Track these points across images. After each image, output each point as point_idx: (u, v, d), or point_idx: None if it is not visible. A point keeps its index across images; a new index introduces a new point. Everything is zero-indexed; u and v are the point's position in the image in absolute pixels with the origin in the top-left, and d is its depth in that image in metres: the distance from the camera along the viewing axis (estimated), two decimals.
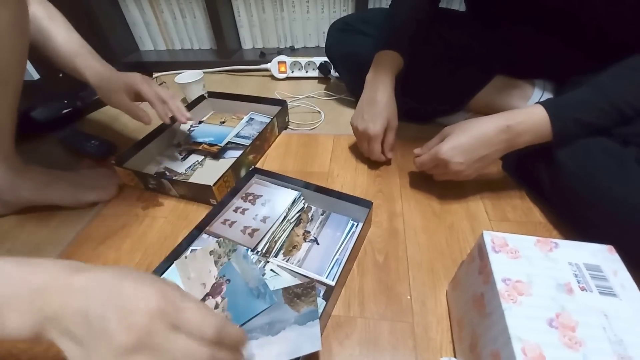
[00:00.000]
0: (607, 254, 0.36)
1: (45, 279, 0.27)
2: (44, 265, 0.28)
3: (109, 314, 0.25)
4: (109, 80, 0.61)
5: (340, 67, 0.91)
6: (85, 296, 0.26)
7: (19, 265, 0.28)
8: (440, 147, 0.54)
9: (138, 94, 0.63)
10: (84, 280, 0.27)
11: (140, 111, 0.63)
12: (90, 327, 0.25)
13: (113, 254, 0.57)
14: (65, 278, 0.27)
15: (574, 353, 0.28)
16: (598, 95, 0.50)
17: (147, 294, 0.26)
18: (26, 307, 0.26)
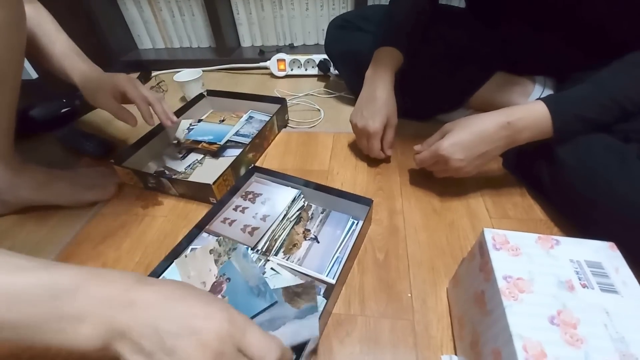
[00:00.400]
0: (608, 251, 0.35)
1: (112, 291, 0.27)
2: (109, 277, 0.28)
3: (182, 331, 0.26)
4: (94, 81, 0.61)
5: (339, 64, 0.91)
6: (155, 311, 0.27)
7: (84, 275, 0.28)
8: (441, 143, 0.54)
9: (125, 95, 0.62)
10: (151, 294, 0.28)
11: (125, 112, 0.62)
12: (163, 344, 0.26)
13: (113, 253, 0.57)
14: (133, 291, 0.27)
15: (576, 350, 0.27)
16: (599, 91, 0.50)
17: (218, 316, 0.28)
18: (97, 320, 0.26)
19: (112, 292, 0.27)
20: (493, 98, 0.74)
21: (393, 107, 0.66)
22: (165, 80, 1.09)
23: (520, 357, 0.27)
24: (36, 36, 0.61)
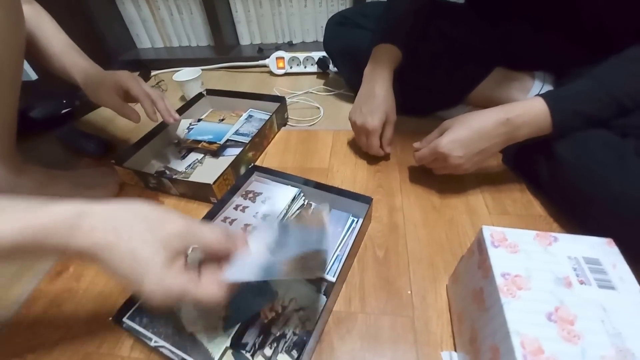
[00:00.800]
0: (606, 247, 0.36)
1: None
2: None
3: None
4: (96, 78, 0.61)
5: (338, 61, 0.90)
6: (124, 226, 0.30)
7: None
8: (440, 140, 0.54)
9: (128, 93, 0.62)
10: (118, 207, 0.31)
11: (128, 109, 0.62)
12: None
13: None
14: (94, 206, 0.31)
15: (573, 347, 0.28)
16: (598, 87, 0.50)
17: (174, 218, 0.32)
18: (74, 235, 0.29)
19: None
20: (492, 94, 0.74)
21: (392, 104, 0.66)
22: (165, 80, 1.09)
23: (518, 354, 0.28)
24: (35, 36, 0.61)
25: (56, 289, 0.52)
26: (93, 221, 0.30)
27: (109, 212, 0.31)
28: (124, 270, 0.29)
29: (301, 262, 0.37)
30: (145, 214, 0.31)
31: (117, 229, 0.30)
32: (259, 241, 0.39)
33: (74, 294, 0.51)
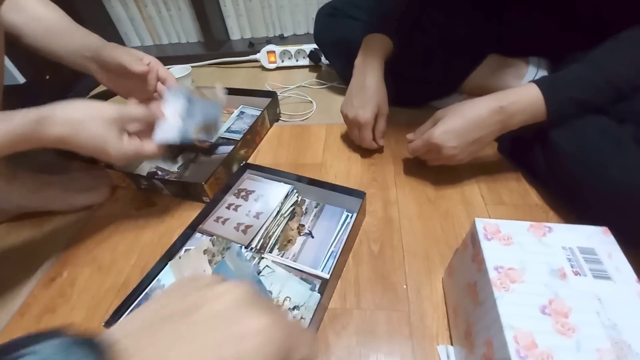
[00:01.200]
0: (601, 236, 0.35)
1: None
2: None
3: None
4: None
5: (330, 53, 0.89)
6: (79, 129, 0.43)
7: None
8: (433, 131, 0.53)
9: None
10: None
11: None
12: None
13: (109, 256, 0.57)
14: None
15: (567, 340, 0.27)
16: (593, 72, 0.48)
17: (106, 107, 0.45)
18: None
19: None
20: (486, 81, 0.72)
21: (384, 96, 0.64)
22: None
23: (511, 348, 0.27)
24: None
25: (50, 294, 0.52)
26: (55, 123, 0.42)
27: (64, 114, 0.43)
28: (91, 147, 0.44)
29: (203, 127, 0.56)
30: (86, 109, 0.44)
31: (74, 124, 0.43)
32: (172, 108, 0.55)
33: (67, 299, 0.51)
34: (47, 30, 0.59)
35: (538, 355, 0.26)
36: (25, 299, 0.52)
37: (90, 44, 0.58)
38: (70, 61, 0.59)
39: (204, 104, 0.57)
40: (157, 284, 0.48)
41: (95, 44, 0.58)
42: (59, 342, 0.14)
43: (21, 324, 0.49)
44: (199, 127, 0.55)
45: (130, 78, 0.59)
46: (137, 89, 0.60)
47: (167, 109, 0.55)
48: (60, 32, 0.59)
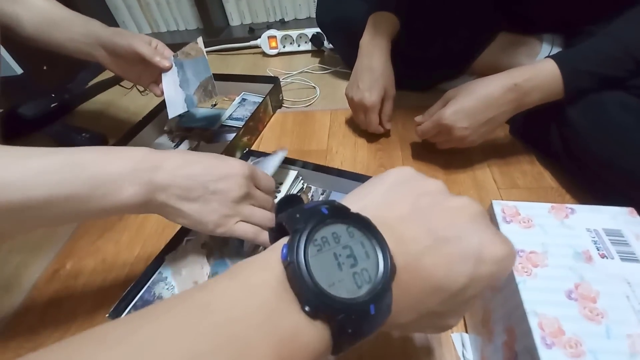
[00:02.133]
0: (627, 217, 0.33)
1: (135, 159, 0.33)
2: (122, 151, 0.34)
3: (217, 178, 0.36)
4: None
5: (333, 36, 0.86)
6: (186, 169, 0.35)
7: (102, 151, 0.33)
8: (443, 112, 0.51)
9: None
10: (171, 159, 0.35)
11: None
12: (206, 189, 0.36)
13: (112, 247, 0.56)
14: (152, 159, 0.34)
15: (596, 326, 0.26)
16: (614, 44, 0.45)
17: (237, 164, 0.39)
18: (136, 181, 0.32)
19: (135, 160, 0.33)
20: (498, 61, 0.69)
21: (391, 78, 0.62)
22: None
23: (536, 335, 0.25)
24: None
25: (54, 287, 0.51)
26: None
27: None
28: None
29: (202, 89, 0.59)
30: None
31: None
32: (171, 82, 0.58)
33: (72, 292, 0.50)
34: (46, 19, 0.57)
35: (565, 342, 0.25)
36: (29, 291, 0.51)
37: (94, 30, 0.56)
38: (73, 49, 0.58)
39: (191, 64, 0.60)
40: (160, 277, 0.47)
41: (99, 29, 0.57)
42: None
43: (26, 316, 0.48)
44: (198, 90, 0.59)
45: (138, 62, 0.58)
46: (144, 72, 0.61)
47: (167, 85, 0.59)
48: (60, 20, 0.57)
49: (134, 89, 0.95)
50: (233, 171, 0.38)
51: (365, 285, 0.17)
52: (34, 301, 0.50)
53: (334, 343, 0.16)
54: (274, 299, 0.16)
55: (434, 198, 0.20)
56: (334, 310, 0.16)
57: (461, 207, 0.20)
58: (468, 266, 0.18)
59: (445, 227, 0.19)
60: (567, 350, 0.24)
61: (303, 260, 0.16)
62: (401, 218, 0.19)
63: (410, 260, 0.18)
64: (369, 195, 0.21)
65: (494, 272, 0.19)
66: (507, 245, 0.20)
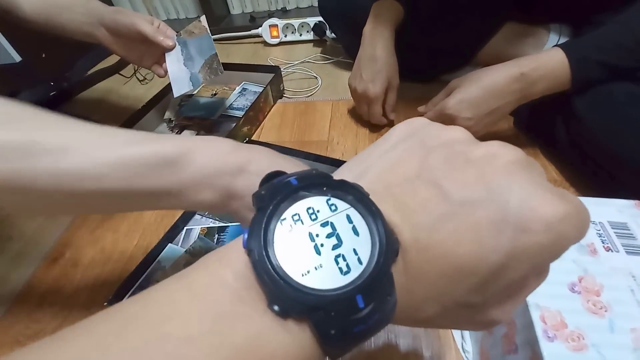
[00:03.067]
0: (634, 210, 0.32)
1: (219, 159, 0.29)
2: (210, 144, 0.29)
3: None
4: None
5: (335, 25, 0.84)
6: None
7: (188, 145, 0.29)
8: (447, 101, 0.50)
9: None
10: (264, 158, 0.30)
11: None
12: None
13: (111, 236, 0.56)
14: (235, 155, 0.29)
15: (600, 319, 0.25)
16: (624, 33, 0.44)
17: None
18: (214, 187, 0.28)
19: (221, 155, 0.29)
20: (503, 52, 0.67)
21: (394, 67, 0.61)
22: None
23: (538, 328, 0.25)
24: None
25: (53, 275, 0.51)
26: None
27: None
28: None
29: (207, 66, 0.58)
30: None
31: None
32: (175, 61, 0.58)
33: (71, 280, 0.50)
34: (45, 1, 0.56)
35: (568, 335, 0.24)
36: (28, 279, 0.51)
37: (95, 9, 0.56)
38: (74, 30, 0.57)
39: (195, 42, 0.60)
40: (158, 265, 0.46)
41: (100, 8, 0.56)
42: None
43: (25, 304, 0.48)
44: (203, 68, 0.58)
45: (140, 42, 0.57)
46: (147, 52, 0.60)
47: (171, 65, 0.59)
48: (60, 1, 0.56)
49: (134, 77, 0.94)
50: None
51: (354, 271, 0.13)
52: (33, 289, 0.50)
53: (321, 350, 0.13)
54: (227, 300, 0.13)
55: (452, 149, 0.14)
56: (305, 306, 0.12)
57: (490, 157, 0.14)
58: (504, 238, 0.12)
59: (468, 185, 0.13)
60: (569, 344, 0.24)
61: (264, 245, 0.13)
62: (407, 180, 0.14)
63: (421, 235, 0.13)
64: (367, 159, 0.16)
65: (547, 243, 0.13)
66: (567, 202, 0.13)
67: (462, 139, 0.15)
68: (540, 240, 0.12)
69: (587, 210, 0.14)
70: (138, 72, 0.94)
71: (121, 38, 0.56)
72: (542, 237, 0.12)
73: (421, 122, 0.17)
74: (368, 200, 0.14)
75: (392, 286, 0.13)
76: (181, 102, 0.78)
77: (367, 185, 0.14)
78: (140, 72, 0.95)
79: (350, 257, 0.13)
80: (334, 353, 0.13)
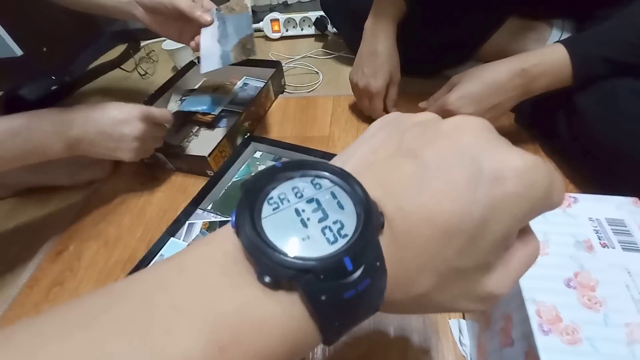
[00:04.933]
0: (631, 207, 0.32)
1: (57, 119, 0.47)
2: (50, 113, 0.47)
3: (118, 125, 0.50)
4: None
5: (337, 20, 0.84)
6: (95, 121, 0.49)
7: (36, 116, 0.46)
8: (448, 97, 0.50)
9: None
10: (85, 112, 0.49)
11: None
12: (110, 136, 0.50)
13: (114, 230, 0.56)
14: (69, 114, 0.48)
15: (594, 313, 0.25)
16: (625, 29, 0.44)
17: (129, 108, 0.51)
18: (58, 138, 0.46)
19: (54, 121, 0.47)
20: (506, 47, 0.67)
21: (396, 62, 0.60)
22: (155, 50, 1.03)
23: (534, 322, 0.26)
24: None
25: (58, 268, 0.52)
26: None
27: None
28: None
29: (241, 46, 0.56)
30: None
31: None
32: (209, 36, 0.57)
33: (75, 273, 0.51)
34: None
35: (562, 329, 0.25)
36: (33, 272, 0.52)
37: None
38: (112, 8, 0.57)
39: (234, 19, 0.58)
40: (161, 259, 0.47)
41: None
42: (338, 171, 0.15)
43: (30, 297, 0.49)
44: (237, 47, 0.56)
45: (178, 19, 0.57)
46: (185, 28, 0.59)
47: (205, 39, 0.57)
48: None
49: (135, 72, 0.94)
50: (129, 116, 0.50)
51: (341, 240, 0.13)
52: (38, 281, 0.51)
53: (314, 323, 0.13)
54: (213, 273, 0.13)
55: (423, 127, 0.16)
56: (296, 271, 0.12)
57: (459, 126, 0.15)
58: (481, 190, 0.13)
59: (442, 154, 0.14)
60: (564, 337, 0.25)
61: (251, 222, 0.13)
62: (386, 159, 0.15)
63: (404, 203, 0.14)
64: (350, 149, 0.17)
65: (521, 191, 0.13)
66: (530, 156, 0.14)
67: (431, 118, 0.17)
68: (514, 189, 0.13)
69: (554, 170, 0.15)
70: (139, 67, 0.94)
71: (159, 15, 0.56)
72: (515, 183, 0.13)
73: (395, 114, 0.18)
74: (351, 177, 0.14)
75: (380, 252, 0.13)
76: (182, 97, 0.78)
77: (351, 169, 0.15)
78: (141, 66, 0.95)
79: (336, 228, 0.13)
80: (328, 326, 0.13)
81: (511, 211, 0.14)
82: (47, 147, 0.46)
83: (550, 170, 0.14)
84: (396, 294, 0.14)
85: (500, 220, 0.14)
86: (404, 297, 0.15)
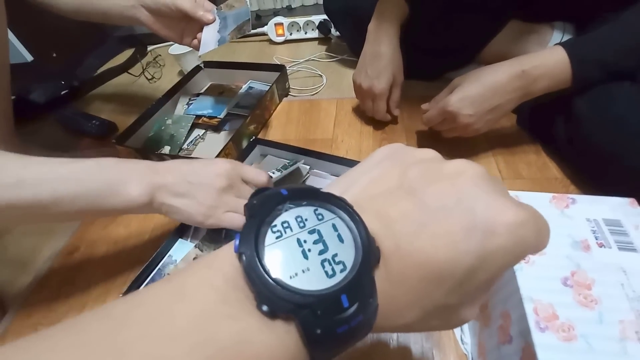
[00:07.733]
0: (628, 208, 0.33)
1: (138, 165, 0.39)
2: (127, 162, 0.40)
3: (201, 173, 0.41)
4: None
5: (340, 23, 0.85)
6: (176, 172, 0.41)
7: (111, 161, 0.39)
8: (449, 98, 0.51)
9: None
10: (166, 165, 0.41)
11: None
12: (191, 184, 0.40)
13: (123, 231, 0.58)
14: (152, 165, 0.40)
15: (590, 312, 0.26)
16: (625, 33, 0.45)
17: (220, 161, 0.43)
18: (140, 180, 0.38)
19: (139, 167, 0.39)
20: (507, 50, 0.68)
21: (399, 64, 0.62)
22: (162, 55, 1.05)
23: (531, 320, 0.26)
24: None
25: (69, 267, 0.54)
26: None
27: None
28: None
29: (237, 29, 0.59)
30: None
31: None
32: (212, 31, 0.59)
33: (85, 272, 0.52)
34: None
35: (559, 326, 0.26)
36: (45, 272, 0.53)
37: None
38: (116, 14, 0.58)
39: (233, 14, 0.60)
40: (169, 260, 0.48)
41: None
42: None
43: (42, 294, 0.50)
44: (233, 31, 0.59)
45: (181, 19, 0.59)
46: (187, 28, 0.61)
47: (206, 34, 0.60)
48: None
49: (142, 76, 0.96)
50: (216, 166, 0.42)
51: (339, 275, 0.14)
52: (50, 280, 0.52)
53: (307, 351, 0.13)
54: (213, 301, 0.13)
55: (425, 166, 0.17)
56: (293, 305, 0.13)
57: (459, 172, 0.16)
58: (474, 241, 0.14)
59: (441, 197, 0.15)
60: (560, 334, 0.25)
61: (255, 249, 0.13)
62: (388, 193, 0.16)
63: (402, 243, 0.15)
64: (352, 176, 0.18)
65: (510, 246, 0.15)
66: (524, 209, 0.15)
67: (434, 157, 0.18)
68: (504, 243, 0.15)
69: (543, 219, 0.16)
70: (146, 71, 0.96)
71: (162, 17, 0.58)
72: (506, 239, 0.15)
73: (400, 145, 0.19)
74: (352, 210, 0.15)
75: (374, 289, 0.14)
76: (189, 101, 0.80)
77: (352, 198, 0.16)
78: (148, 71, 0.96)
79: (335, 261, 0.14)
80: (318, 356, 0.14)
81: (498, 262, 0.15)
82: (124, 189, 0.38)
83: (539, 222, 0.16)
84: (382, 323, 0.15)
85: (488, 270, 0.15)
86: (388, 326, 0.16)
